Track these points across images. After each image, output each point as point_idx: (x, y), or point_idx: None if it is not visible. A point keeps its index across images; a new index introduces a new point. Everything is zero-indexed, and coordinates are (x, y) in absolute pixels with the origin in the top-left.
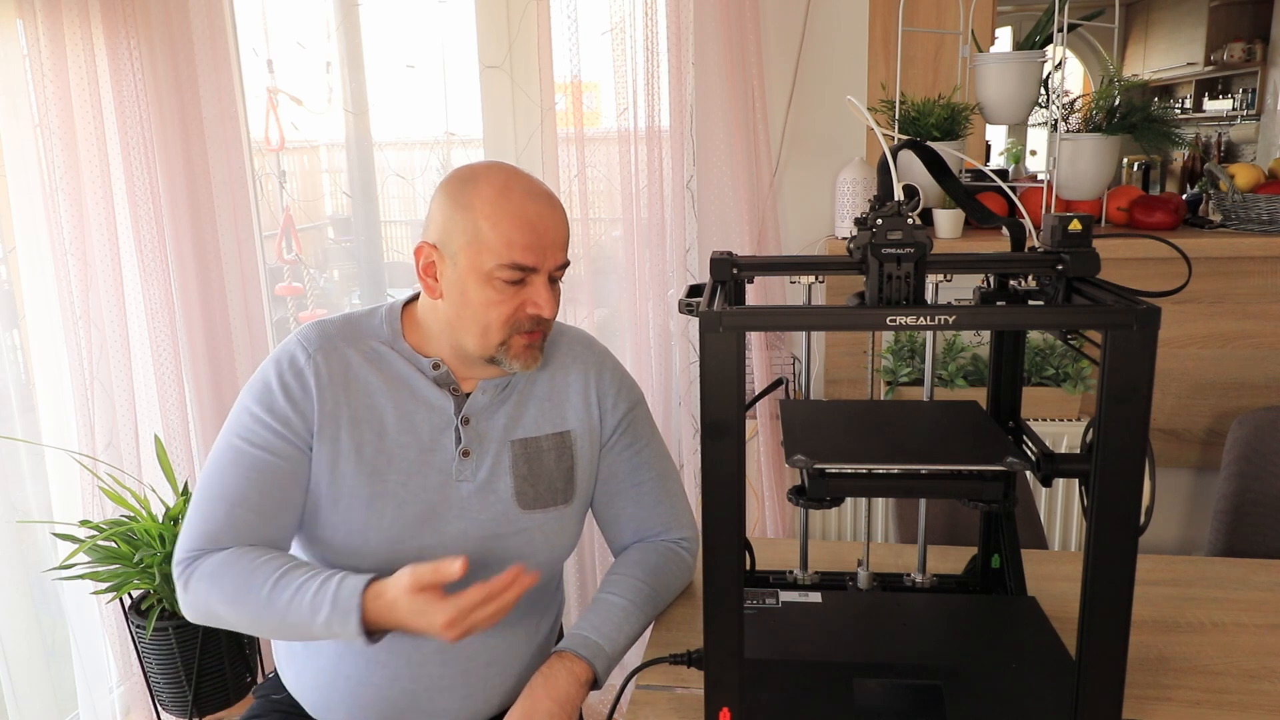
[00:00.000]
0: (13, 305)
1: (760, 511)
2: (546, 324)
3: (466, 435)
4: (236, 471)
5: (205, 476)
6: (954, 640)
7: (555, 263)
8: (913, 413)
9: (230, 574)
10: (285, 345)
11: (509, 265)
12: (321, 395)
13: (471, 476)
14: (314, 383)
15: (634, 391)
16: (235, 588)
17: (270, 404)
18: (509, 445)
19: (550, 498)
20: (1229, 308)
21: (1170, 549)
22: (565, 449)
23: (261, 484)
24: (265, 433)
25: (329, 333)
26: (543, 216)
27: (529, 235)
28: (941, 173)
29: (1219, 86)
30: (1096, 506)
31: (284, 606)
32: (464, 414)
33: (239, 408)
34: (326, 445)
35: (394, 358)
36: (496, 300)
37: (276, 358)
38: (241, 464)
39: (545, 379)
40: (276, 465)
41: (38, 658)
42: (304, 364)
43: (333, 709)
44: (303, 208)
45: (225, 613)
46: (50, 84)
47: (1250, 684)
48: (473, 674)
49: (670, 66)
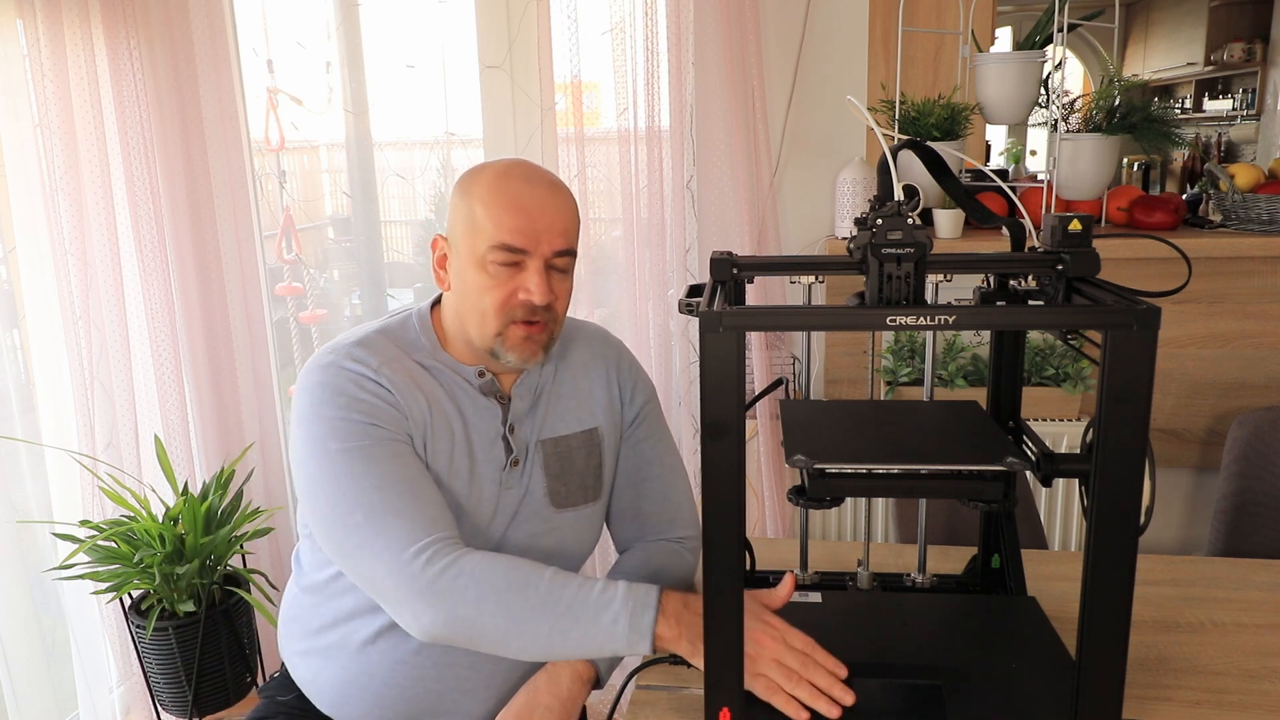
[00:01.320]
0: (13, 305)
1: (760, 511)
2: (548, 316)
3: (515, 444)
4: (383, 466)
5: (351, 495)
6: (954, 640)
7: (551, 248)
8: (913, 413)
9: (497, 568)
10: (334, 365)
11: (499, 246)
12: (405, 401)
13: (517, 483)
14: (392, 389)
15: (649, 384)
16: (511, 579)
17: (366, 409)
18: (540, 446)
19: (581, 495)
20: (1229, 308)
21: (1170, 549)
22: (594, 446)
23: (416, 465)
24: (376, 431)
25: (377, 349)
26: (537, 201)
27: (519, 218)
28: (941, 173)
29: (1219, 86)
30: (1096, 506)
31: (569, 598)
32: (510, 422)
33: (324, 423)
34: (416, 448)
35: (442, 371)
36: (490, 285)
37: (336, 374)
38: (379, 458)
39: (569, 377)
40: (408, 449)
41: (38, 658)
42: (374, 375)
43: (351, 707)
44: (303, 208)
45: (488, 611)
46: (50, 84)
47: (1250, 684)
48: (497, 676)
49: (670, 66)
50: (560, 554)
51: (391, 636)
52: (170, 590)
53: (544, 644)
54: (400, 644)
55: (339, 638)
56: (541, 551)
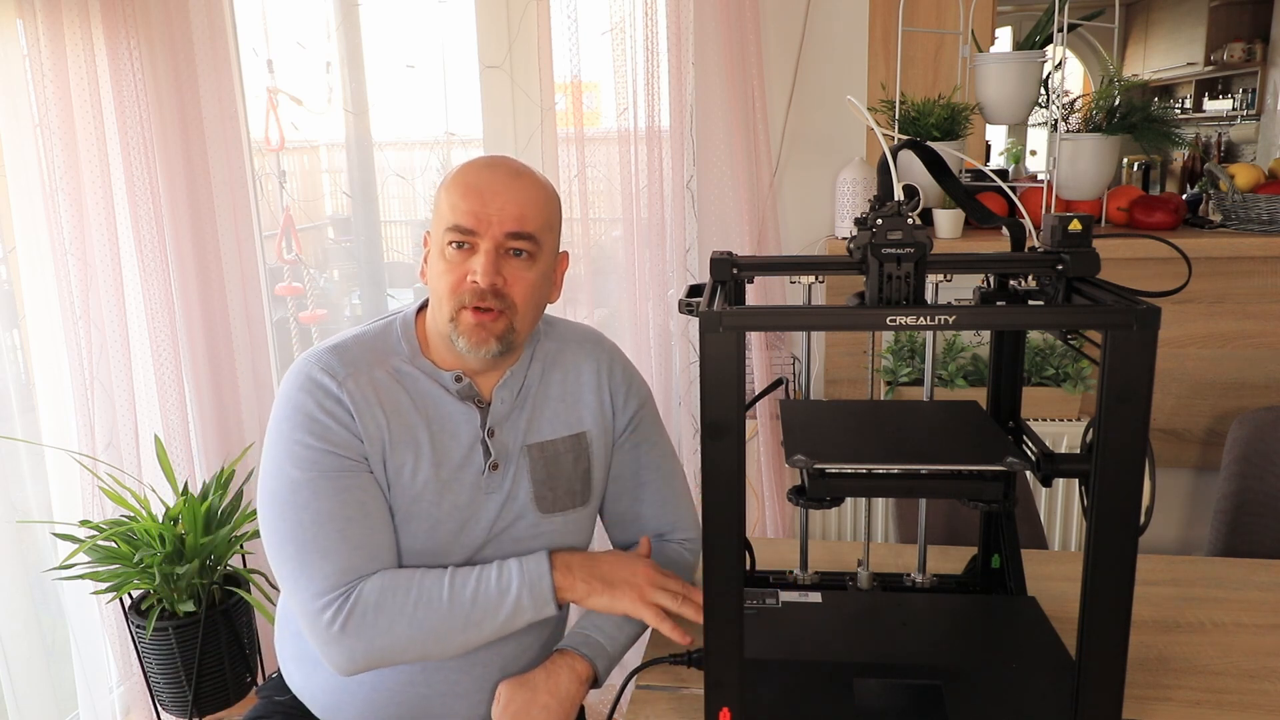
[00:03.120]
0: (13, 305)
1: (760, 511)
2: (502, 305)
3: (495, 448)
4: (323, 502)
5: (289, 525)
6: (954, 640)
7: (502, 229)
8: (913, 413)
9: (398, 591)
10: (305, 374)
11: (451, 228)
12: (362, 420)
13: (499, 487)
14: (352, 407)
15: (643, 388)
16: (412, 601)
17: (323, 432)
18: (526, 450)
19: (569, 500)
20: (1229, 308)
21: (1170, 549)
22: (582, 450)
23: (357, 499)
24: (330, 459)
25: (350, 358)
26: (490, 183)
27: (471, 200)
28: (941, 173)
29: (1219, 86)
30: (1096, 506)
31: (470, 598)
32: (489, 426)
33: (285, 443)
34: (374, 468)
35: (418, 376)
36: (445, 270)
37: (303, 387)
38: (324, 492)
39: (558, 380)
40: (357, 481)
41: (38, 658)
42: (337, 390)
43: (343, 712)
44: (303, 208)
45: (401, 635)
46: (50, 84)
47: (1250, 684)
48: (487, 680)
49: (670, 66)
50: None
51: None
52: (170, 590)
53: (462, 643)
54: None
55: None
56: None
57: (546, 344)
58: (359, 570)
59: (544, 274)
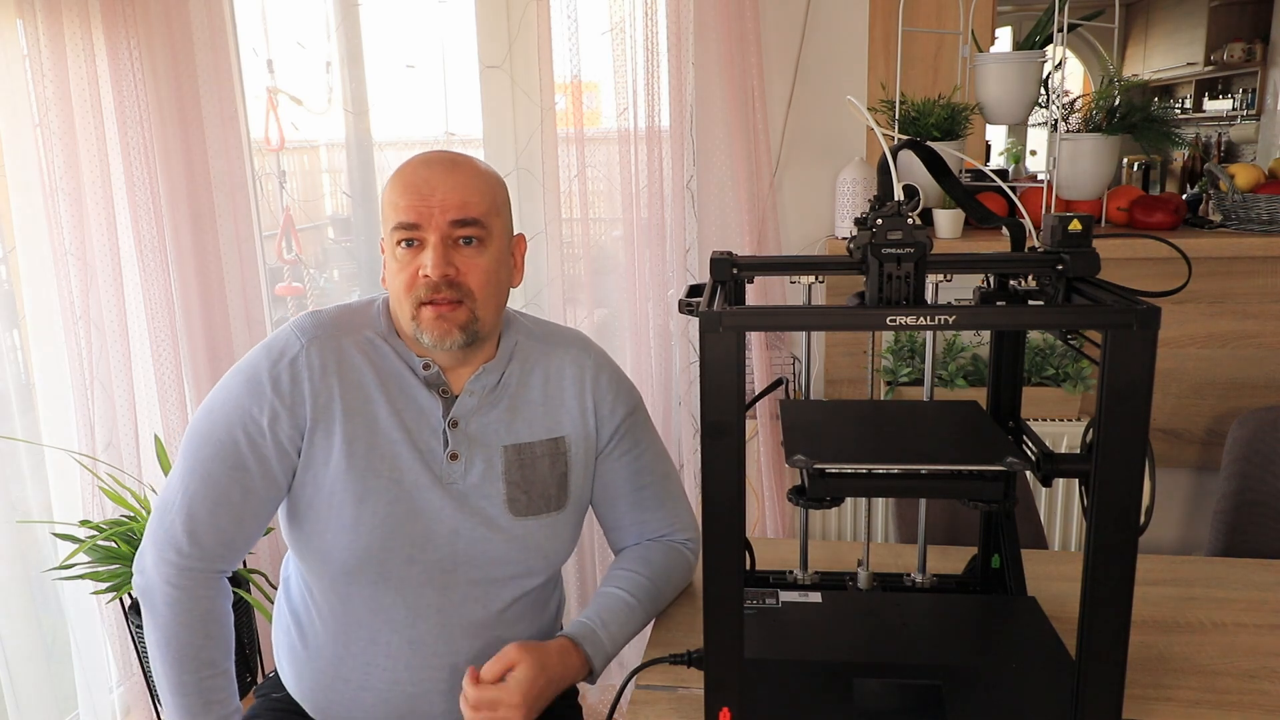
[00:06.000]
0: (13, 306)
1: (760, 511)
2: (459, 294)
3: (454, 439)
4: (222, 465)
5: (192, 450)
6: (954, 640)
7: (445, 218)
8: (913, 413)
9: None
10: (280, 334)
11: (396, 227)
12: (314, 388)
13: (461, 479)
14: (305, 374)
15: (632, 395)
16: (173, 638)
17: (260, 399)
18: (502, 451)
19: (543, 505)
20: (1229, 308)
21: (1170, 549)
22: (559, 455)
23: (244, 485)
24: (253, 430)
25: (323, 321)
26: (428, 177)
27: (411, 195)
28: (941, 173)
29: (1219, 86)
30: (1096, 506)
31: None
32: (451, 417)
33: (231, 392)
34: (320, 439)
35: (388, 351)
36: (397, 269)
37: (269, 345)
38: (226, 458)
39: (539, 382)
40: (259, 470)
41: (38, 658)
42: (297, 354)
43: (333, 710)
44: (303, 208)
45: (150, 633)
46: (50, 84)
47: (1250, 684)
48: None
49: (670, 66)
50: (522, 560)
51: (363, 643)
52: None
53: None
54: (373, 648)
55: (315, 645)
56: (502, 556)
57: (529, 344)
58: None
59: (498, 259)
